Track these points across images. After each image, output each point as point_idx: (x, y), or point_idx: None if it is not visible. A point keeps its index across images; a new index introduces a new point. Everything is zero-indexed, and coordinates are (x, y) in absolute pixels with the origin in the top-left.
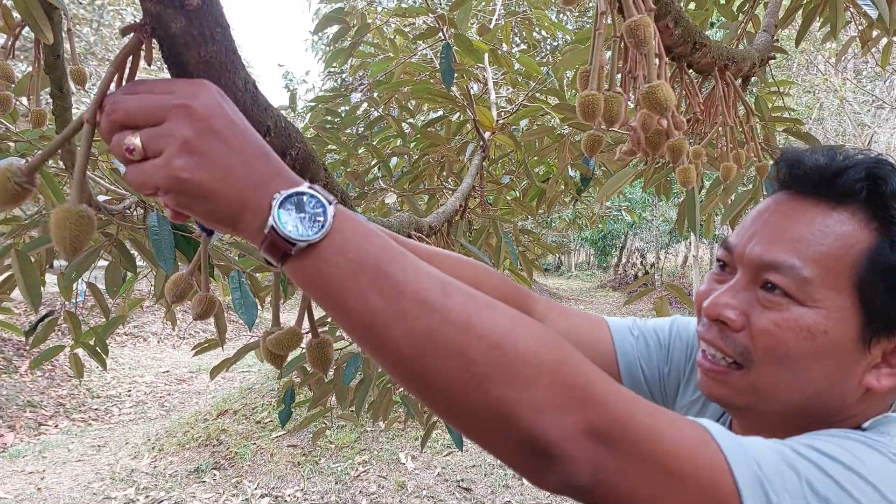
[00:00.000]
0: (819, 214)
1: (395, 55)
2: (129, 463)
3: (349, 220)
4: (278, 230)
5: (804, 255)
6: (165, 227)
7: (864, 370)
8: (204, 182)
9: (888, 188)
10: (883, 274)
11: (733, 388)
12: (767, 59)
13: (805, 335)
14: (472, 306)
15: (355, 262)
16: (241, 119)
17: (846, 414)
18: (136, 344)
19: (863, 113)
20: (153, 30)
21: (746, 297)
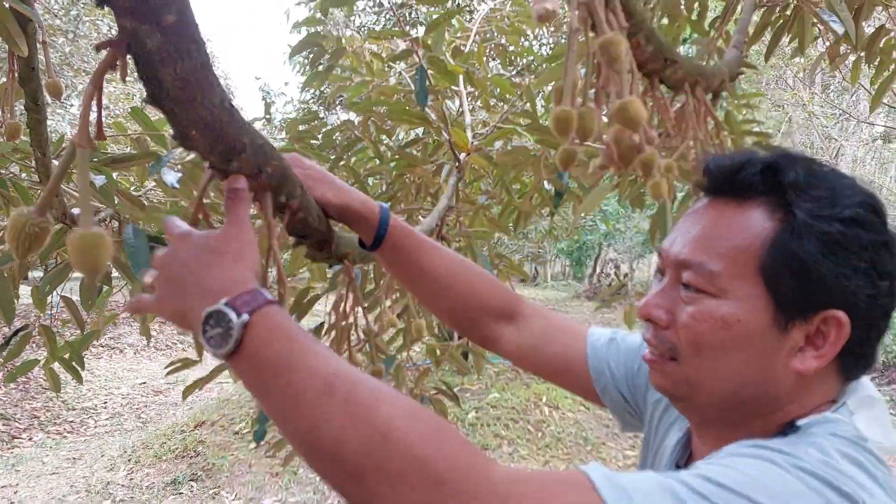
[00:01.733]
0: (727, 212)
1: (372, 77)
2: (104, 475)
3: (259, 328)
4: (203, 345)
5: (712, 251)
6: (141, 240)
7: (789, 355)
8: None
9: (786, 178)
10: (785, 260)
11: (670, 377)
12: (737, 75)
13: (720, 325)
14: (353, 402)
15: (259, 367)
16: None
17: (784, 402)
18: (112, 355)
19: (830, 126)
20: (128, 46)
21: (672, 297)
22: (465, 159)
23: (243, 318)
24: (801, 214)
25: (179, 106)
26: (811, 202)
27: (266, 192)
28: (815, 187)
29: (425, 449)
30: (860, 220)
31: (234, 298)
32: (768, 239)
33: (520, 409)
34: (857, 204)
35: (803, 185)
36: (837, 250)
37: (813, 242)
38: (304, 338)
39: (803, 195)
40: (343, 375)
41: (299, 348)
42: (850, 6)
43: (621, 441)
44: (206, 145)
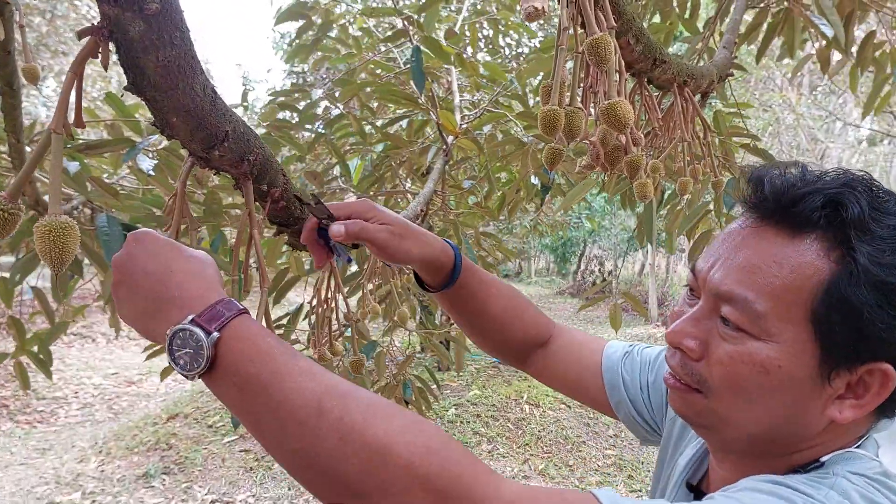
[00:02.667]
0: (777, 244)
1: (359, 52)
2: (75, 467)
3: (232, 344)
4: (172, 364)
5: (759, 287)
6: (115, 228)
7: (826, 402)
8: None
9: (849, 215)
10: (839, 308)
11: (694, 408)
12: (726, 76)
13: (759, 369)
14: (347, 420)
15: (239, 385)
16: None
17: (811, 443)
18: (83, 345)
19: (816, 128)
20: (110, 33)
21: (707, 326)
22: (452, 142)
23: (213, 336)
24: (863, 259)
25: (161, 93)
26: (872, 245)
27: (248, 180)
28: (878, 224)
29: (428, 465)
30: None
31: (200, 313)
32: (823, 282)
33: (500, 406)
34: None
35: (866, 223)
36: (895, 301)
37: (871, 291)
38: (282, 352)
39: (865, 235)
40: (333, 393)
41: (282, 366)
42: (842, 12)
43: (601, 440)
44: (187, 133)
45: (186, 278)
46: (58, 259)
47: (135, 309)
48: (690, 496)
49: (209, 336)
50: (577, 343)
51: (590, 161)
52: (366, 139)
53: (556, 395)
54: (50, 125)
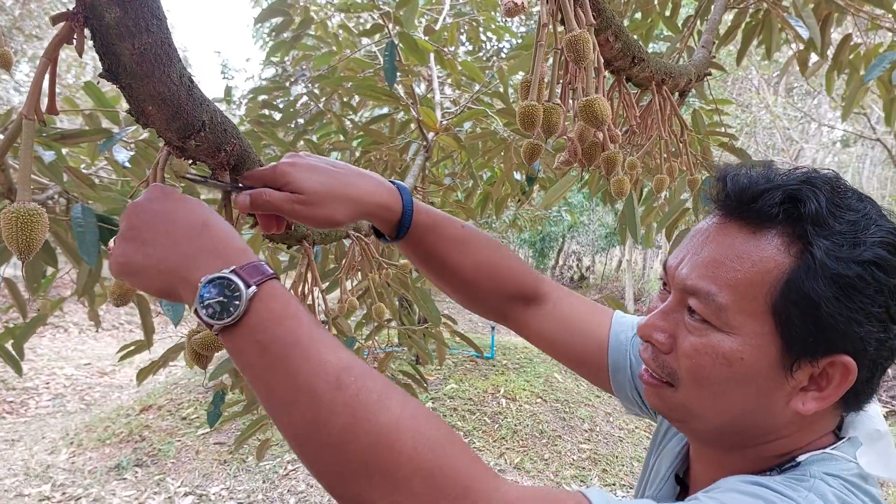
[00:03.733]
0: (740, 239)
1: (339, 49)
2: (44, 458)
3: (266, 301)
4: (198, 313)
5: (721, 280)
6: (90, 219)
7: (790, 394)
8: (137, 263)
9: (807, 210)
10: (798, 301)
11: (666, 402)
12: (704, 75)
13: (721, 361)
14: (363, 399)
15: (262, 344)
16: (179, 204)
17: (780, 434)
18: (55, 334)
19: (791, 128)
20: (86, 19)
21: (675, 320)
22: (433, 139)
23: (252, 289)
24: (820, 254)
25: (136, 81)
26: (830, 240)
27: (225, 171)
28: (836, 219)
29: (432, 459)
30: (880, 263)
31: (242, 266)
32: (782, 276)
33: (477, 400)
34: (879, 244)
35: (824, 218)
36: (853, 294)
37: (829, 285)
38: (310, 321)
39: (823, 230)
40: (353, 370)
41: (307, 334)
42: (818, 15)
43: (576, 434)
44: (162, 121)
45: (226, 234)
46: (24, 246)
47: (161, 253)
48: (677, 488)
49: (248, 288)
50: (577, 312)
51: (568, 157)
52: (347, 136)
53: (532, 390)
54: (21, 111)
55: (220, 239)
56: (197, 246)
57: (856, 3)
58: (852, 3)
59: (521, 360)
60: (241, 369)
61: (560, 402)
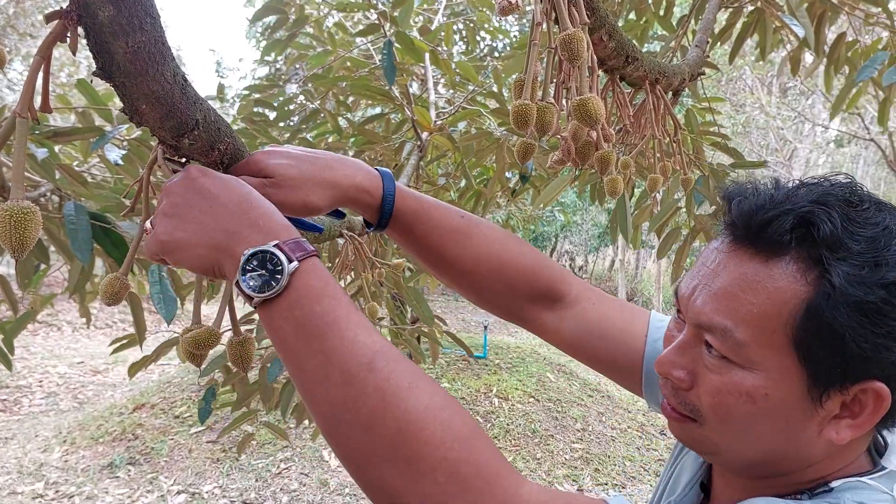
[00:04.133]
0: (752, 268)
1: (334, 49)
2: (37, 456)
3: (307, 278)
4: (240, 285)
5: (737, 315)
6: (83, 217)
7: (822, 423)
8: (180, 239)
9: (820, 234)
10: (820, 331)
11: (692, 435)
12: (698, 74)
13: (745, 399)
14: (394, 384)
15: (300, 320)
16: (219, 182)
17: (814, 462)
18: (49, 332)
19: (785, 128)
20: (79, 17)
21: (693, 355)
22: (427, 138)
23: (294, 264)
24: (839, 280)
25: (130, 79)
26: (849, 264)
27: (218, 170)
28: (854, 240)
29: (458, 451)
30: None
31: (285, 241)
32: (801, 305)
33: (469, 399)
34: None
35: (840, 241)
36: (879, 319)
37: (852, 312)
38: (348, 303)
39: (839, 253)
40: (386, 354)
41: (344, 314)
42: (812, 14)
43: (569, 434)
44: (156, 120)
45: (268, 209)
46: (18, 245)
47: (204, 228)
48: (701, 495)
49: (290, 263)
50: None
51: (561, 156)
52: (342, 135)
53: (524, 389)
54: (14, 109)
55: (262, 214)
56: (239, 220)
57: (850, 1)
58: (847, 1)
59: (514, 360)
60: (276, 345)
61: (552, 402)
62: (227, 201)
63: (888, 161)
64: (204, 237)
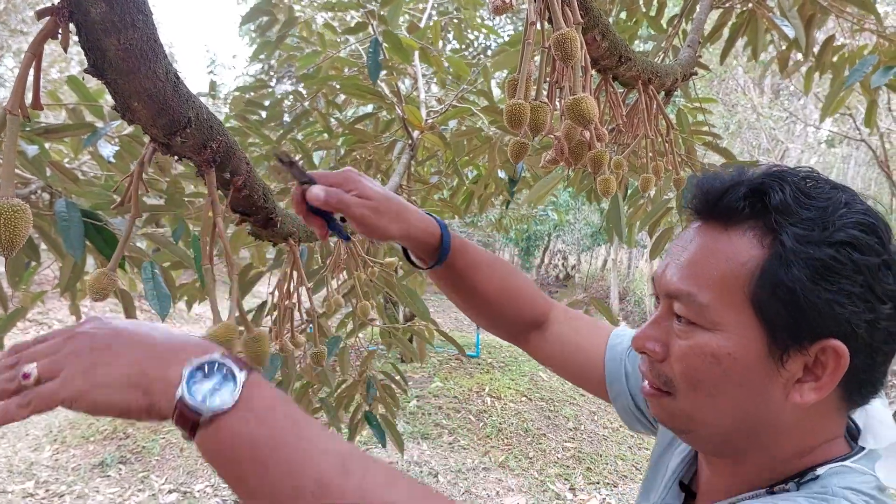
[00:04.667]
0: (713, 238)
1: (323, 49)
2: (28, 455)
3: (260, 388)
4: (185, 400)
5: (700, 280)
6: (75, 214)
7: (787, 386)
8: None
9: (772, 201)
10: (774, 289)
11: (667, 411)
12: (690, 75)
13: (710, 360)
14: (370, 482)
15: (259, 432)
16: (125, 321)
17: (790, 433)
18: (39, 331)
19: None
20: (71, 14)
21: (666, 328)
22: (418, 137)
23: (244, 373)
24: (789, 241)
25: (122, 77)
26: (800, 226)
27: (210, 168)
28: (805, 208)
29: None
30: (854, 242)
31: (225, 354)
32: (756, 267)
33: (462, 398)
34: (852, 225)
35: (791, 208)
36: (829, 276)
37: (802, 269)
38: (302, 411)
39: (791, 218)
40: (356, 455)
41: (306, 421)
42: (803, 16)
43: (561, 433)
44: (148, 118)
45: (190, 336)
46: (8, 242)
47: (132, 358)
48: (682, 495)
49: (241, 371)
50: (578, 330)
51: (554, 155)
52: (332, 135)
53: (517, 388)
54: (5, 106)
55: (189, 337)
56: (172, 342)
57: (839, 4)
58: (835, 4)
59: (507, 359)
60: (227, 467)
61: (545, 401)
62: (146, 331)
63: (879, 162)
64: (131, 368)
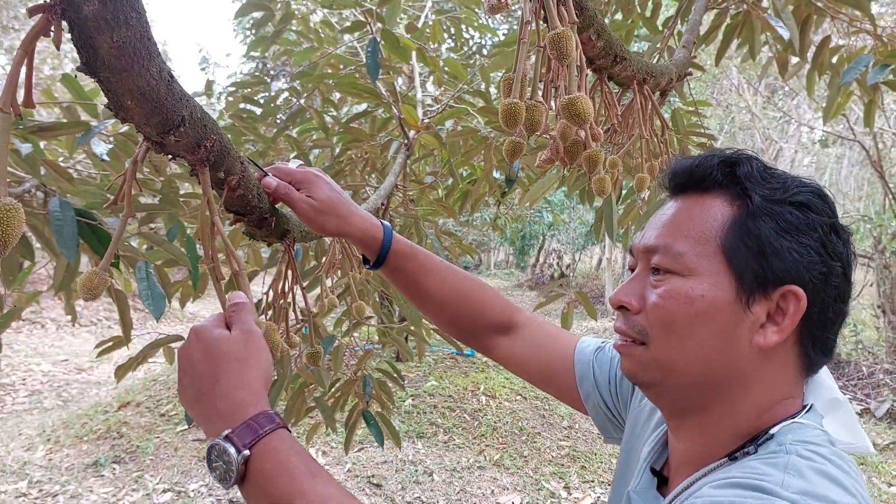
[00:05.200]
0: (689, 203)
1: (320, 45)
2: (21, 455)
3: (260, 462)
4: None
5: (677, 234)
6: (69, 213)
7: (751, 330)
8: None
9: (742, 171)
10: (743, 238)
11: (638, 361)
12: (685, 75)
13: (685, 300)
14: None
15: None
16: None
17: (750, 381)
18: (32, 330)
19: (771, 128)
20: (63, 11)
21: (643, 283)
22: (414, 137)
23: (244, 454)
24: (757, 199)
25: (115, 75)
26: (766, 189)
27: (204, 167)
28: (769, 179)
29: None
30: (810, 204)
31: (234, 429)
32: (728, 221)
33: (457, 397)
34: (808, 191)
35: (757, 178)
36: (790, 229)
37: (768, 222)
38: (303, 470)
39: (759, 185)
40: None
41: (299, 489)
42: (798, 17)
43: (556, 431)
44: (142, 116)
45: (230, 387)
46: (1, 242)
47: (191, 403)
48: (654, 480)
49: (240, 454)
50: (548, 335)
51: (549, 155)
52: (328, 133)
53: (512, 387)
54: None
55: (223, 396)
56: (206, 405)
57: (834, 5)
58: (831, 5)
59: None
60: None
61: (539, 400)
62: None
63: (872, 162)
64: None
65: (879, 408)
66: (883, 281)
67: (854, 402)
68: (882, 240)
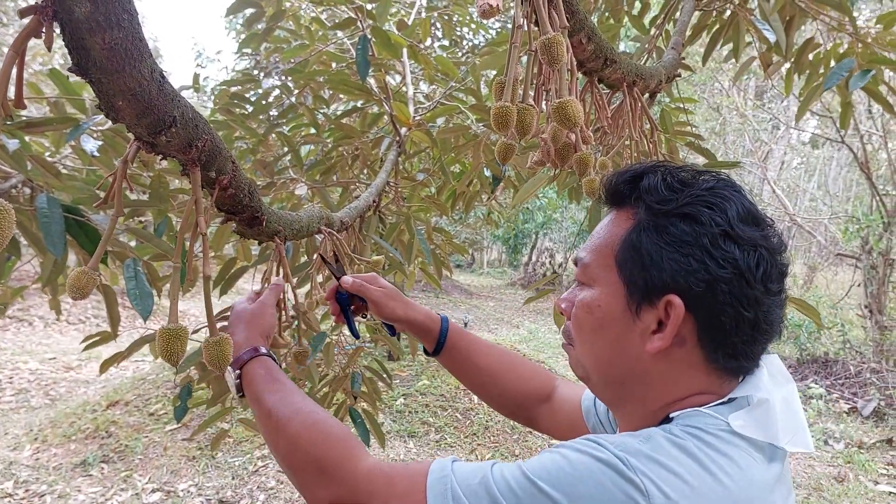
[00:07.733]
0: (610, 217)
1: (311, 42)
2: (7, 455)
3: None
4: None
5: (588, 248)
6: (56, 210)
7: (642, 337)
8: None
9: (643, 184)
10: (630, 251)
11: (573, 360)
12: (674, 76)
13: (587, 309)
14: (282, 422)
15: (251, 394)
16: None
17: (654, 385)
18: (20, 328)
19: (760, 130)
20: (55, 13)
21: (576, 292)
22: (405, 134)
23: (236, 372)
24: (643, 212)
25: (106, 76)
26: (656, 202)
27: (196, 167)
28: (669, 189)
29: (315, 450)
30: (695, 216)
31: (235, 360)
32: (623, 234)
33: (448, 396)
34: (700, 202)
35: (656, 189)
36: (672, 241)
37: (651, 235)
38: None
39: (654, 197)
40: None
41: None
42: (783, 18)
43: None
44: (133, 117)
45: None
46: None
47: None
48: None
49: (234, 372)
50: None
51: (541, 157)
52: (319, 129)
53: None
54: None
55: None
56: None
57: (816, 6)
58: (813, 6)
59: None
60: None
61: None
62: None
63: (859, 164)
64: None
65: (866, 406)
66: (870, 281)
67: (841, 401)
68: (869, 240)
